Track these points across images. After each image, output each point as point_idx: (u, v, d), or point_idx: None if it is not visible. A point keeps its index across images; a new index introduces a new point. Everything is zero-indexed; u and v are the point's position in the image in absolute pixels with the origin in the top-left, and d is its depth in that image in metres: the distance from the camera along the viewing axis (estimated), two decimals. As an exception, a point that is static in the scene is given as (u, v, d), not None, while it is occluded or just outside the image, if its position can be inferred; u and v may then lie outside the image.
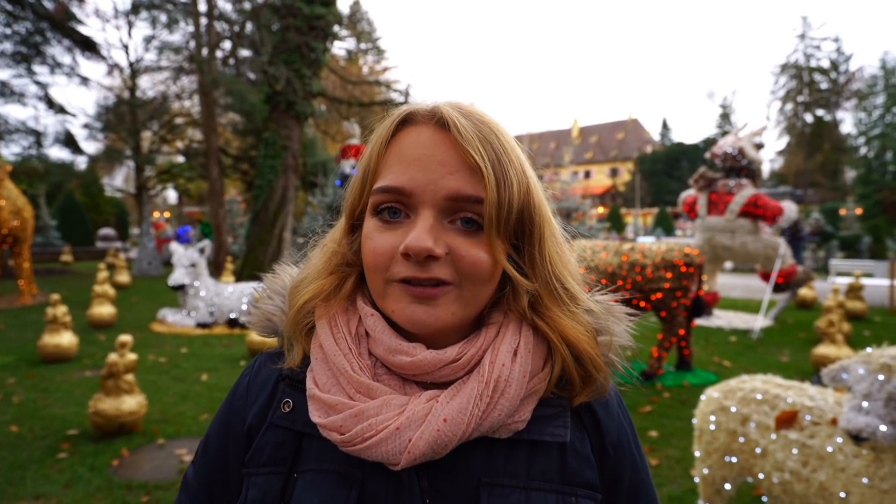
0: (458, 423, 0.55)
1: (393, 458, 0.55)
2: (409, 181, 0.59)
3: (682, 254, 5.40)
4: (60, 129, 17.69)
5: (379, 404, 0.57)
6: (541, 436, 0.62)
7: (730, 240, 8.83)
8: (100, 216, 29.26)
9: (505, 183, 0.58)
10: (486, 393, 0.57)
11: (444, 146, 0.59)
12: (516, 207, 0.60)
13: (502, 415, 0.58)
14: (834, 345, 5.73)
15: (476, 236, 0.59)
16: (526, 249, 0.63)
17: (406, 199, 0.59)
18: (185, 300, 8.22)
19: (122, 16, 22.25)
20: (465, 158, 0.58)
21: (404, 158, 0.60)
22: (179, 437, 4.05)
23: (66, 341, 6.13)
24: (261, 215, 11.31)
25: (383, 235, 0.60)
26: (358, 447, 0.56)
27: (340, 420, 0.57)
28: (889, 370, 1.67)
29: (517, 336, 0.62)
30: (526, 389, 0.60)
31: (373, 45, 39.23)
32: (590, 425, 0.67)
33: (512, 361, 0.59)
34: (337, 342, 0.63)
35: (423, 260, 0.57)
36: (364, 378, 0.60)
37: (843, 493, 1.84)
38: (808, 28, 44.28)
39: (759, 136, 9.40)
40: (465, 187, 0.58)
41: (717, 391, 2.42)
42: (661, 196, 41.89)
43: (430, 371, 0.59)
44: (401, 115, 0.63)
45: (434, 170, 0.59)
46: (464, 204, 0.58)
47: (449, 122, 0.59)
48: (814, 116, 43.76)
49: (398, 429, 0.55)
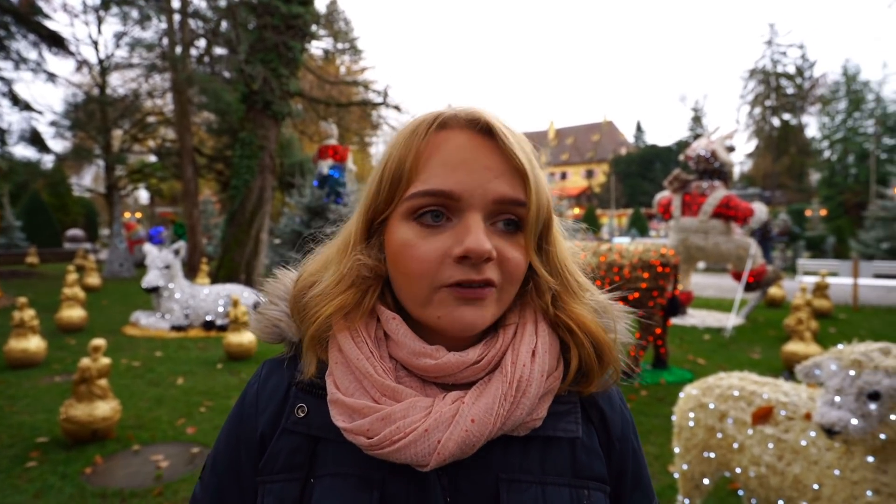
0: (485, 423, 0.57)
1: (422, 460, 0.56)
2: (458, 184, 0.59)
3: (659, 254, 5.51)
4: (26, 126, 17.08)
5: (405, 407, 0.58)
6: (555, 432, 0.64)
7: (703, 240, 9.04)
8: (67, 216, 28.45)
9: (540, 186, 0.62)
10: (510, 393, 0.59)
11: (486, 150, 0.61)
12: (546, 209, 0.63)
13: (524, 413, 0.59)
14: (802, 342, 5.91)
15: (514, 237, 0.62)
16: (545, 249, 0.66)
17: (453, 203, 0.60)
18: (160, 302, 8.04)
19: (91, 11, 21.63)
20: (509, 162, 0.60)
21: (447, 162, 0.60)
22: (155, 443, 3.97)
23: (33, 346, 5.94)
24: (237, 216, 11.14)
25: (428, 241, 0.59)
26: (386, 450, 0.56)
27: (367, 424, 0.57)
28: (859, 366, 1.74)
29: (534, 336, 0.63)
30: (544, 388, 0.62)
31: (350, 45, 38.98)
32: (597, 421, 0.70)
33: (531, 361, 0.61)
34: (359, 346, 0.62)
35: (482, 262, 0.58)
36: (388, 381, 0.60)
37: (817, 485, 1.90)
38: (775, 35, 45.59)
39: (731, 140, 9.65)
40: (510, 191, 0.60)
41: (695, 388, 2.48)
42: (635, 197, 42.60)
43: (453, 373, 0.60)
44: (437, 120, 0.63)
45: (481, 174, 0.60)
46: (509, 206, 0.60)
47: (494, 127, 0.61)
48: (781, 120, 45.07)
49: (427, 430, 0.56)
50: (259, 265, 11.06)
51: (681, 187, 9.41)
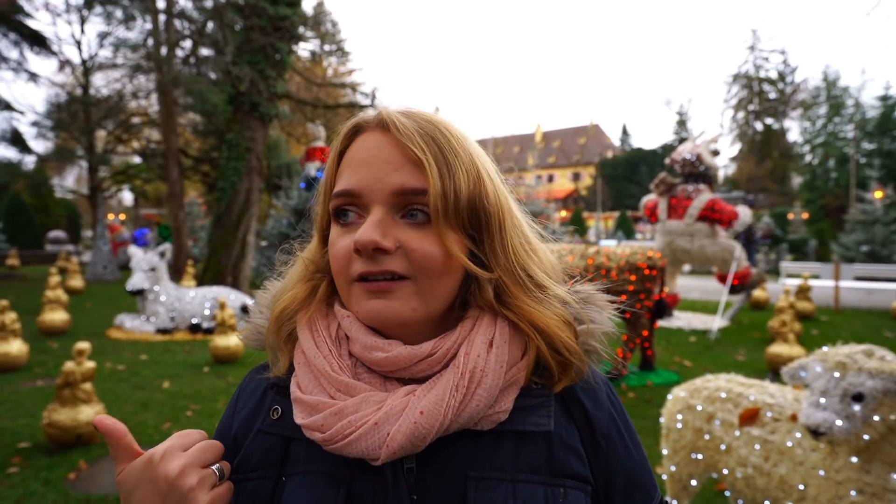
0: (434, 415, 0.56)
1: (373, 453, 0.56)
2: (358, 182, 0.61)
3: (646, 257, 5.57)
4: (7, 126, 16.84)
5: (358, 401, 0.58)
6: (524, 426, 0.62)
7: (689, 243, 9.15)
8: (49, 218, 27.95)
9: (449, 172, 0.60)
10: (461, 384, 0.58)
11: (388, 146, 0.62)
12: (465, 197, 0.60)
13: (481, 405, 0.58)
14: (786, 343, 6.01)
15: (426, 228, 0.61)
16: (486, 240, 0.63)
17: (357, 200, 0.62)
18: (145, 305, 7.94)
19: (74, 10, 21.31)
20: (408, 154, 0.60)
21: (353, 163, 0.63)
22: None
23: (14, 349, 5.84)
24: (224, 218, 11.03)
25: (342, 239, 0.62)
26: (339, 444, 0.57)
27: (321, 419, 0.58)
28: (844, 368, 1.78)
29: (492, 328, 0.62)
30: (504, 380, 0.60)
31: (337, 47, 38.86)
32: (579, 417, 0.67)
33: (487, 352, 0.60)
34: (317, 345, 0.64)
35: (373, 253, 0.58)
36: (344, 377, 0.61)
37: (802, 485, 1.93)
38: (758, 40, 46.34)
39: (715, 143, 9.79)
40: (410, 181, 0.60)
41: (683, 390, 2.51)
42: (621, 200, 43.00)
43: (406, 366, 0.60)
44: (350, 127, 0.66)
45: (380, 168, 0.61)
46: (411, 197, 0.60)
47: (388, 122, 0.62)
48: (763, 125, 45.78)
49: (376, 424, 0.56)
50: (246, 267, 10.96)
51: (667, 190, 9.52)
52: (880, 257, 16.18)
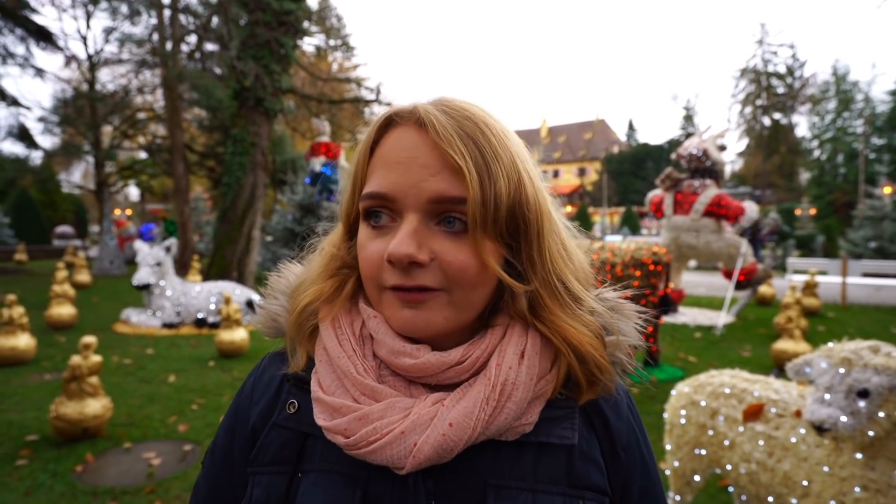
0: (464, 428, 0.55)
1: (398, 463, 0.54)
2: (392, 186, 0.58)
3: (651, 252, 5.54)
4: (14, 122, 16.96)
5: (383, 407, 0.57)
6: (548, 438, 0.61)
7: (694, 239, 9.10)
8: (56, 213, 28.18)
9: (490, 180, 0.56)
10: (492, 396, 0.56)
11: (425, 147, 0.58)
12: (505, 205, 0.57)
13: (509, 418, 0.57)
14: (792, 340, 5.97)
15: (462, 238, 0.58)
16: (523, 249, 0.61)
17: (391, 204, 0.59)
18: (151, 300, 7.99)
19: (79, 5, 21.37)
20: (446, 159, 0.57)
21: (387, 163, 0.60)
22: (147, 441, 3.94)
23: (23, 343, 5.89)
24: (229, 213, 11.07)
25: (373, 243, 0.60)
26: (363, 451, 0.55)
27: (345, 423, 0.56)
28: (849, 364, 1.76)
29: (524, 338, 0.61)
30: (533, 392, 0.59)
31: (342, 42, 38.79)
32: (600, 428, 0.66)
33: (519, 364, 0.58)
34: (341, 344, 0.62)
35: (407, 266, 0.56)
36: (368, 380, 0.59)
37: (806, 481, 1.93)
38: (766, 34, 45.94)
39: (722, 139, 9.72)
40: (448, 189, 0.57)
41: (687, 386, 2.50)
42: (627, 195, 42.82)
43: (434, 373, 0.59)
44: (384, 118, 0.63)
45: (416, 173, 0.57)
46: (448, 205, 0.57)
47: (426, 122, 0.58)
48: (771, 120, 45.43)
49: (403, 433, 0.54)
50: (251, 262, 11.01)
51: (673, 186, 9.47)
52: (889, 253, 16.05)
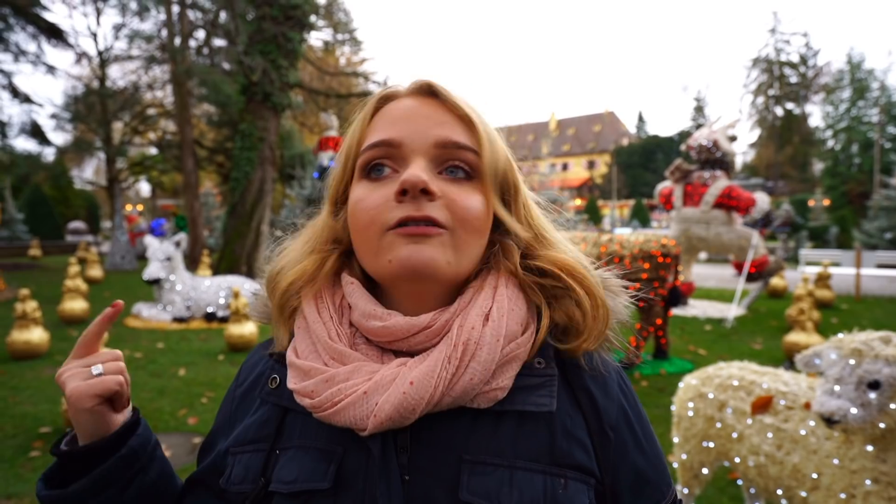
0: (424, 387, 0.54)
1: (360, 423, 0.55)
2: (398, 132, 0.60)
3: (660, 244, 5.50)
4: (26, 119, 17.16)
5: (350, 370, 0.57)
6: (524, 405, 0.59)
7: (705, 230, 9.01)
8: (69, 209, 28.51)
9: (491, 138, 0.62)
10: (454, 356, 0.56)
11: (427, 106, 0.62)
12: (502, 165, 0.63)
13: (475, 379, 0.56)
14: (804, 332, 5.91)
15: (466, 185, 0.60)
16: (513, 207, 0.66)
17: (395, 151, 0.60)
18: (161, 294, 8.06)
19: (89, 2, 21.53)
20: (454, 112, 0.61)
21: (390, 118, 0.62)
22: (157, 433, 3.95)
23: (36, 337, 5.97)
24: (238, 208, 11.13)
25: (375, 191, 0.60)
26: (327, 412, 0.56)
27: (312, 385, 0.57)
28: (859, 355, 1.73)
29: (490, 301, 0.60)
30: (502, 355, 0.57)
31: (350, 36, 38.72)
32: (587, 407, 0.63)
33: (483, 325, 0.58)
34: (319, 312, 0.63)
35: (419, 195, 0.57)
36: (339, 345, 0.60)
37: (815, 474, 1.90)
38: (779, 23, 45.20)
39: (733, 129, 9.59)
40: (455, 134, 0.60)
41: (694, 378, 2.48)
42: (637, 188, 42.49)
43: (402, 337, 0.59)
44: (382, 94, 0.66)
45: (422, 122, 0.60)
46: (454, 151, 0.60)
47: (434, 85, 0.62)
48: (784, 110, 44.78)
49: (366, 393, 0.55)
50: (260, 257, 11.07)
51: (682, 177, 9.37)
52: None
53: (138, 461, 0.66)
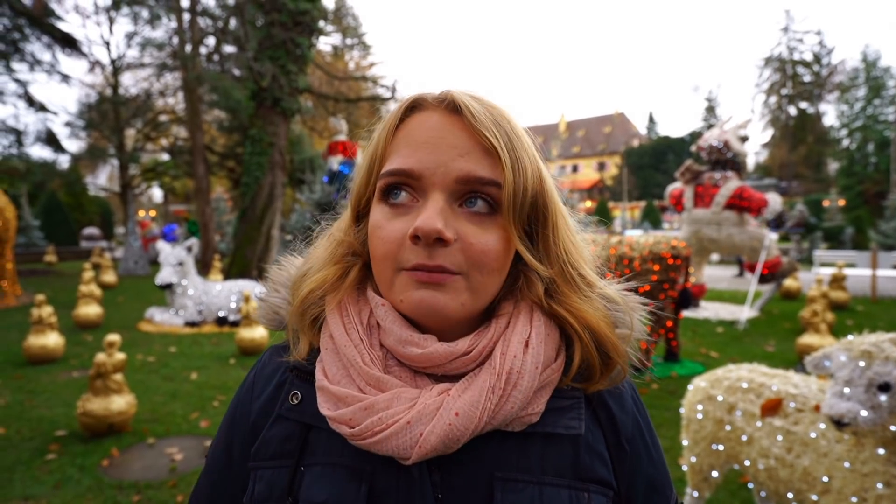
0: (470, 417, 0.54)
1: (404, 453, 0.54)
2: (419, 163, 0.58)
3: (670, 246, 5.46)
4: (41, 127, 17.39)
5: (389, 397, 0.56)
6: (555, 428, 0.60)
7: (716, 232, 8.93)
8: (84, 216, 28.89)
9: (520, 166, 0.58)
10: (498, 385, 0.56)
11: (454, 129, 0.58)
12: (530, 193, 0.59)
13: (515, 407, 0.56)
14: (818, 334, 5.83)
15: (487, 221, 0.58)
16: (540, 236, 0.62)
17: (415, 182, 0.58)
18: (173, 299, 8.15)
19: (102, 12, 21.89)
20: (478, 140, 0.58)
21: (413, 141, 0.59)
22: (170, 437, 4.03)
23: (52, 342, 6.06)
24: (248, 213, 11.23)
25: (392, 222, 0.59)
26: (368, 441, 0.55)
27: (350, 413, 0.56)
28: (869, 356, 1.71)
29: (528, 326, 0.60)
30: (539, 381, 0.58)
31: (359, 41, 38.96)
32: (605, 421, 0.65)
33: (524, 353, 0.58)
34: (348, 332, 0.61)
35: (433, 243, 0.55)
36: (375, 370, 0.59)
37: (826, 477, 1.88)
38: (791, 21, 44.74)
39: (744, 129, 9.50)
40: (478, 169, 0.57)
41: (704, 380, 2.46)
42: (648, 189, 42.20)
43: (441, 363, 0.58)
44: (409, 101, 0.62)
45: (444, 151, 0.58)
46: (476, 186, 0.58)
47: (461, 105, 0.58)
48: (797, 109, 44.26)
49: (409, 423, 0.54)
50: (271, 261, 11.15)
51: (693, 178, 9.29)
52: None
53: None
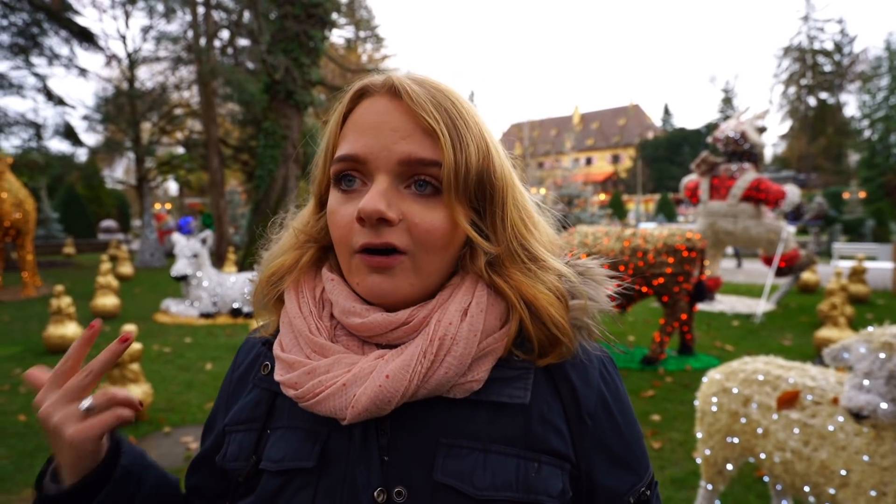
0: (399, 380, 0.56)
1: (340, 413, 0.57)
2: (363, 147, 0.60)
3: (684, 238, 5.39)
4: (60, 121, 17.67)
5: (330, 362, 0.60)
6: (499, 397, 0.61)
7: (732, 224, 8.81)
8: (101, 208, 29.29)
9: (461, 145, 0.59)
10: (430, 350, 0.57)
11: (397, 113, 0.60)
12: (475, 170, 0.60)
13: (450, 373, 0.58)
14: (836, 328, 5.74)
15: (432, 201, 0.60)
16: (487, 213, 0.63)
17: (361, 167, 0.61)
18: (189, 290, 8.24)
19: (118, 6, 22.05)
20: (419, 122, 0.59)
21: (358, 127, 0.62)
22: (185, 425, 4.09)
23: (70, 332, 6.16)
24: (262, 205, 11.31)
25: (344, 207, 0.61)
26: (310, 402, 0.58)
27: (295, 377, 0.60)
28: (890, 348, 1.67)
29: (469, 296, 0.61)
30: (478, 349, 0.59)
31: (372, 33, 38.89)
32: (566, 394, 0.65)
33: (461, 320, 0.59)
34: (300, 307, 0.66)
35: (376, 223, 0.58)
36: (319, 339, 0.62)
37: (844, 471, 1.85)
38: (812, 10, 43.82)
39: (762, 120, 9.34)
40: (419, 150, 0.59)
41: (718, 373, 2.43)
42: (662, 182, 41.70)
43: (381, 332, 0.60)
44: (356, 89, 0.64)
45: (387, 135, 0.59)
46: (418, 167, 0.59)
47: (400, 88, 0.60)
48: (817, 100, 43.44)
49: (345, 385, 0.57)
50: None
51: (708, 170, 9.17)
52: (945, 237, 15.19)
53: (133, 477, 0.66)
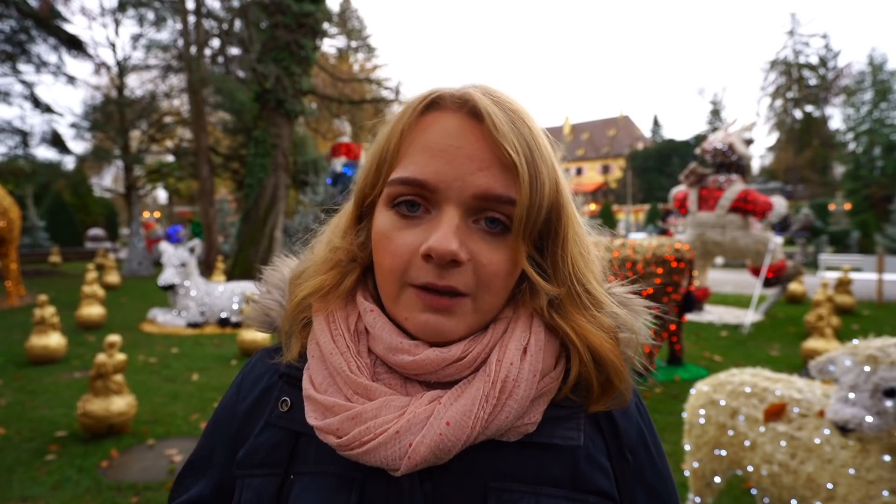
0: (462, 427, 0.52)
1: (393, 464, 0.51)
2: (434, 175, 0.54)
3: (673, 249, 5.42)
4: (47, 128, 17.51)
5: (377, 406, 0.54)
6: (552, 438, 0.57)
7: (720, 235, 8.89)
8: (88, 216, 29.00)
9: (538, 182, 0.55)
10: (492, 394, 0.53)
11: (473, 138, 0.55)
12: (545, 208, 0.56)
13: (510, 417, 0.54)
14: (823, 338, 5.78)
15: (499, 239, 0.56)
16: (549, 251, 0.59)
17: (429, 195, 0.55)
18: (176, 300, 8.15)
19: (108, 14, 22.03)
20: (498, 154, 0.54)
21: (429, 148, 0.56)
22: (170, 438, 4.02)
23: (54, 342, 6.07)
24: (251, 214, 11.25)
25: (401, 234, 0.56)
26: (356, 451, 0.52)
27: (337, 423, 0.54)
28: (875, 361, 1.68)
29: (527, 333, 0.57)
30: (536, 390, 0.56)
31: (363, 43, 39.05)
32: (607, 430, 0.62)
33: (521, 360, 0.55)
34: (334, 339, 0.59)
35: (446, 265, 0.53)
36: (362, 379, 0.56)
37: (831, 484, 1.85)
38: (797, 25, 44.65)
39: (749, 132, 9.47)
40: (496, 186, 0.54)
41: (706, 385, 2.43)
42: (652, 192, 42.06)
43: (433, 370, 0.55)
44: (427, 99, 0.58)
45: (462, 164, 0.54)
46: (493, 204, 0.55)
47: (482, 111, 0.55)
48: (803, 112, 44.12)
49: (398, 433, 0.51)
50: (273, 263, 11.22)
51: (697, 181, 9.26)
52: (928, 249, 15.43)
53: None
